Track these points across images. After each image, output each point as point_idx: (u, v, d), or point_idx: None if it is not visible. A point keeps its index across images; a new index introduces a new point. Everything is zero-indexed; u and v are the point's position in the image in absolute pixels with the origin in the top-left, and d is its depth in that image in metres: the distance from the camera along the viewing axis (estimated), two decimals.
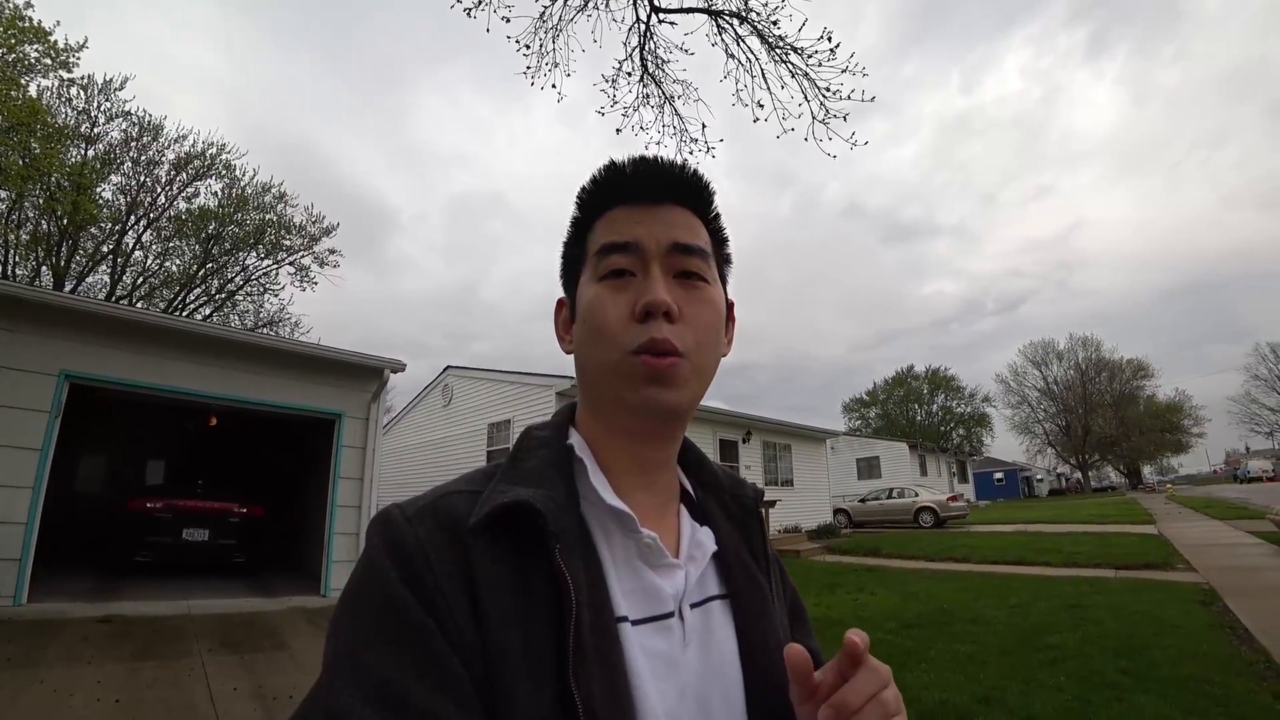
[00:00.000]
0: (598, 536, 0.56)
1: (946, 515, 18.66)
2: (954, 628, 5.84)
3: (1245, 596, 6.56)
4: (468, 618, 0.47)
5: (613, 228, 0.61)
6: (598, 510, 0.57)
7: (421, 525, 0.50)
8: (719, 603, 0.61)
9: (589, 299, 0.60)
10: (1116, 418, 53.91)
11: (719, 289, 0.64)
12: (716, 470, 0.72)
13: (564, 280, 0.68)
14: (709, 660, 0.57)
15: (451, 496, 0.54)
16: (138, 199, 18.74)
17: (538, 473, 0.56)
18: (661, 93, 6.46)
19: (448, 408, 15.68)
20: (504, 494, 0.52)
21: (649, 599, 0.55)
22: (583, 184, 0.65)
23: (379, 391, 8.41)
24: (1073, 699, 3.88)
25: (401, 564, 0.48)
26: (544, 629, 0.48)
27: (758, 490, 0.74)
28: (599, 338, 0.58)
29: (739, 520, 0.69)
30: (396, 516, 0.51)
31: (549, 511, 0.51)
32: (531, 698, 0.45)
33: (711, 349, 0.61)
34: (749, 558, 0.66)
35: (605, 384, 0.59)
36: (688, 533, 0.63)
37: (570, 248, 0.67)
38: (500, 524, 0.51)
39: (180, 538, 7.74)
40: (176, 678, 4.21)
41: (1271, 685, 4.05)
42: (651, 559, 0.57)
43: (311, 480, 9.07)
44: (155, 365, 6.80)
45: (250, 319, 21.44)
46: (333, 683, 0.44)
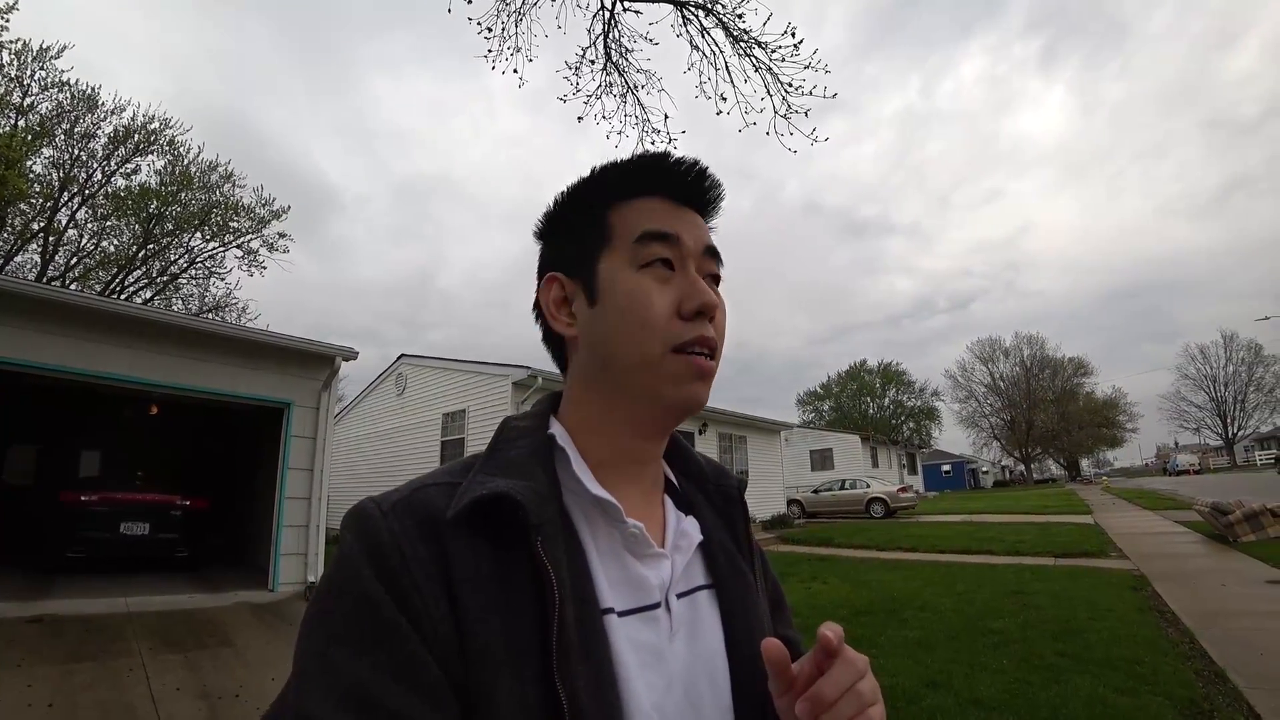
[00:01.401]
0: (581, 528, 0.55)
1: (897, 506, 19.22)
2: (903, 615, 6.02)
3: (1172, 582, 6.93)
4: (446, 615, 0.45)
5: (653, 217, 0.60)
6: (581, 501, 0.56)
7: (397, 520, 0.49)
8: (705, 593, 0.61)
9: (631, 287, 0.58)
10: (1058, 413, 56.23)
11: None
12: (700, 460, 0.72)
13: (560, 257, 0.64)
14: (696, 651, 0.56)
15: (428, 489, 0.52)
16: (71, 174, 17.76)
17: (518, 463, 0.55)
18: (625, 82, 6.43)
19: (401, 397, 15.37)
20: (483, 485, 0.50)
21: (635, 590, 0.55)
22: (609, 162, 0.62)
23: (330, 380, 8.18)
24: (1014, 680, 4.05)
25: (376, 561, 0.46)
26: (527, 624, 0.47)
27: (741, 479, 0.73)
28: (643, 329, 0.56)
29: (723, 510, 0.69)
30: (372, 511, 0.50)
31: (530, 503, 0.50)
32: (515, 695, 0.44)
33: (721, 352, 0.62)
34: (733, 547, 0.66)
35: (641, 376, 0.57)
36: (673, 522, 0.63)
37: (577, 224, 0.63)
38: (479, 517, 0.49)
39: (118, 532, 7.39)
40: (114, 678, 4.03)
41: (1194, 664, 4.30)
42: (637, 549, 0.56)
43: (259, 471, 8.78)
44: (89, 351, 6.44)
45: (195, 304, 20.61)
46: (303, 685, 0.43)
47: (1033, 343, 60.80)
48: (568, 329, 0.62)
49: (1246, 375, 60.18)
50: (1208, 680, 4.00)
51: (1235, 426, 61.54)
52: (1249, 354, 59.81)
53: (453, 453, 13.06)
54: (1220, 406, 62.04)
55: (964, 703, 3.72)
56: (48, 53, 16.52)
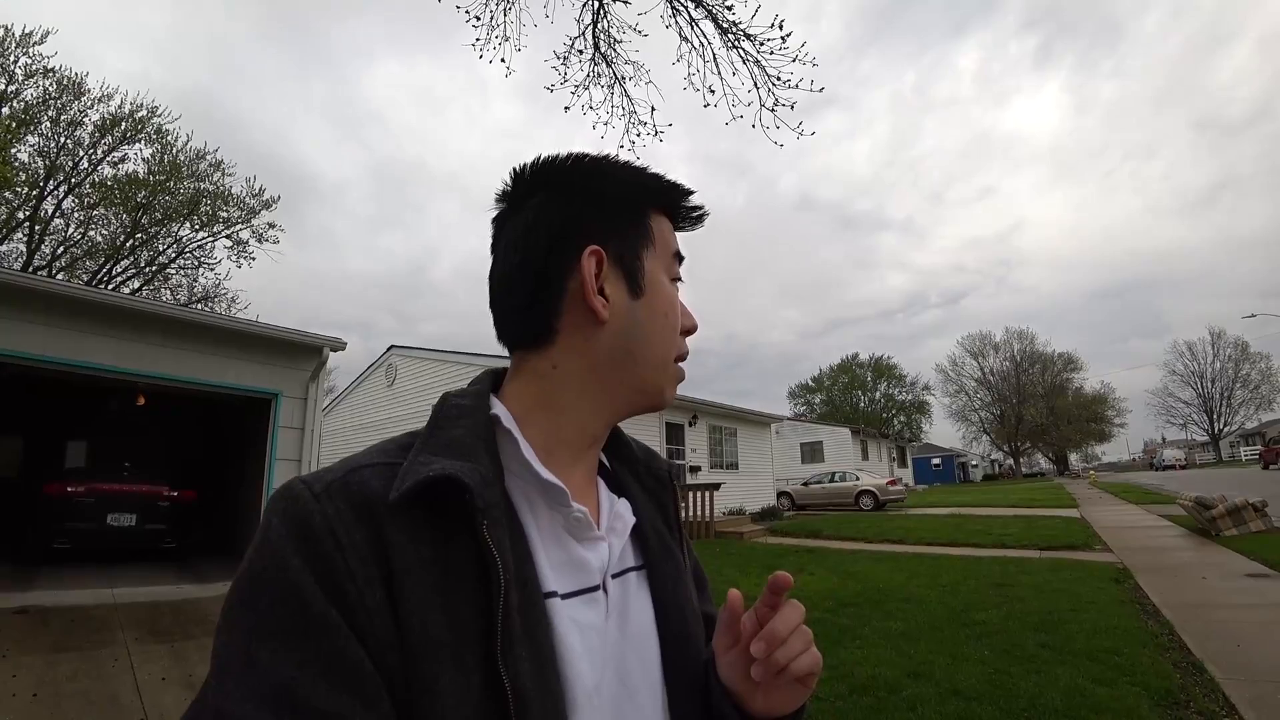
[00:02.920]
0: (523, 510, 0.54)
1: (886, 498, 19.34)
2: (888, 606, 6.07)
3: (1154, 574, 7.02)
4: (382, 605, 0.43)
5: (676, 239, 0.67)
6: (523, 484, 0.55)
7: (331, 502, 0.46)
8: (635, 574, 0.62)
9: (671, 296, 0.65)
10: (1047, 408, 56.69)
11: None
12: (631, 443, 0.72)
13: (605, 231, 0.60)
14: (626, 631, 0.57)
15: (365, 470, 0.49)
16: (58, 162, 17.54)
17: (461, 443, 0.52)
18: (613, 73, 6.40)
19: (391, 388, 15.34)
20: (427, 467, 0.48)
21: (576, 572, 0.55)
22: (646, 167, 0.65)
23: (318, 371, 8.14)
24: (995, 671, 4.10)
25: (307, 548, 0.43)
26: (470, 610, 0.46)
27: (671, 463, 0.75)
28: (672, 336, 0.64)
29: (653, 492, 0.69)
30: (302, 492, 0.46)
31: (476, 485, 0.48)
32: (457, 684, 0.43)
33: None
34: (664, 528, 0.67)
35: (657, 374, 0.63)
36: (607, 505, 0.63)
37: (616, 208, 0.61)
38: (422, 500, 0.47)
39: (104, 523, 7.36)
40: (99, 669, 4.02)
41: (1173, 656, 4.36)
42: (579, 532, 0.56)
43: (247, 462, 8.75)
44: (74, 340, 6.39)
45: (184, 294, 20.42)
46: (224, 684, 0.40)
47: (1023, 338, 61.36)
48: (603, 309, 0.58)
49: (1233, 372, 60.98)
50: (1185, 671, 4.06)
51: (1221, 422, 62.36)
52: (1236, 351, 60.58)
53: None
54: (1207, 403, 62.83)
55: (944, 693, 3.76)
56: (30, 38, 16.29)
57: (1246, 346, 60.11)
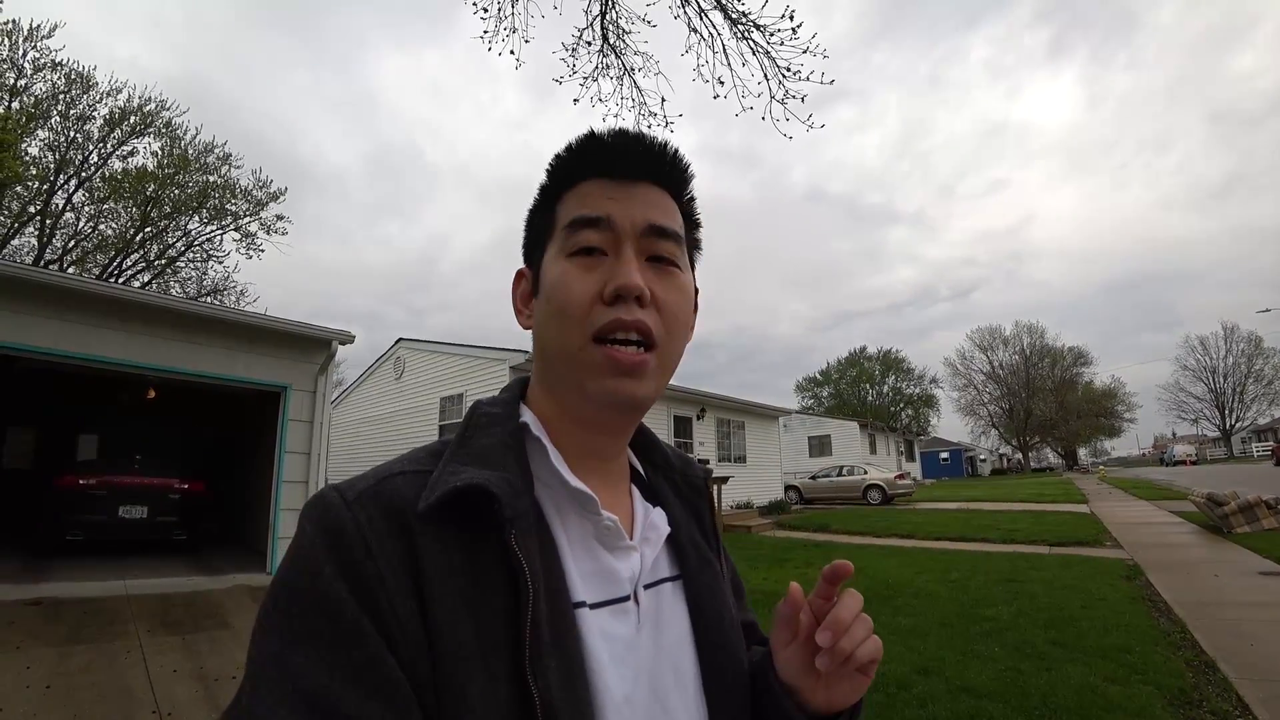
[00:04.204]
0: (553, 519, 0.54)
1: (894, 493, 19.28)
2: (897, 601, 6.05)
3: (1166, 571, 6.97)
4: (413, 613, 0.44)
5: (585, 201, 0.57)
6: (553, 492, 0.56)
7: (363, 510, 0.46)
8: (671, 584, 0.61)
9: (554, 275, 0.57)
10: (1056, 402, 56.32)
11: (689, 274, 0.62)
12: (667, 450, 0.71)
13: (526, 250, 0.64)
14: (660, 643, 0.56)
15: (396, 478, 0.50)
16: (67, 156, 17.62)
17: (490, 452, 0.53)
18: (622, 64, 6.34)
19: (399, 381, 15.38)
20: (456, 476, 0.49)
21: (606, 582, 0.54)
22: (557, 151, 0.61)
23: (327, 364, 8.17)
24: (1005, 668, 4.07)
25: (339, 555, 0.44)
26: (499, 620, 0.46)
27: (707, 469, 0.74)
28: (562, 318, 0.55)
29: (689, 500, 0.68)
30: (335, 500, 0.47)
31: (505, 495, 0.48)
32: (486, 693, 0.43)
33: (680, 338, 0.59)
34: (699, 537, 0.66)
35: (566, 369, 0.56)
36: (641, 514, 0.62)
37: (536, 216, 0.63)
38: (451, 509, 0.47)
39: (116, 515, 7.42)
40: (112, 661, 4.05)
41: (1185, 654, 4.32)
42: (609, 541, 0.56)
43: (257, 455, 8.80)
44: (85, 334, 6.43)
45: (193, 287, 20.54)
46: (257, 691, 0.41)
47: (1033, 332, 60.87)
48: (527, 322, 0.62)
49: (1246, 367, 60.24)
50: (1198, 670, 4.03)
51: (1233, 418, 61.69)
52: (1249, 346, 59.82)
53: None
54: (1219, 398, 62.15)
55: (955, 690, 3.74)
56: (38, 32, 16.35)
57: (1260, 341, 59.35)
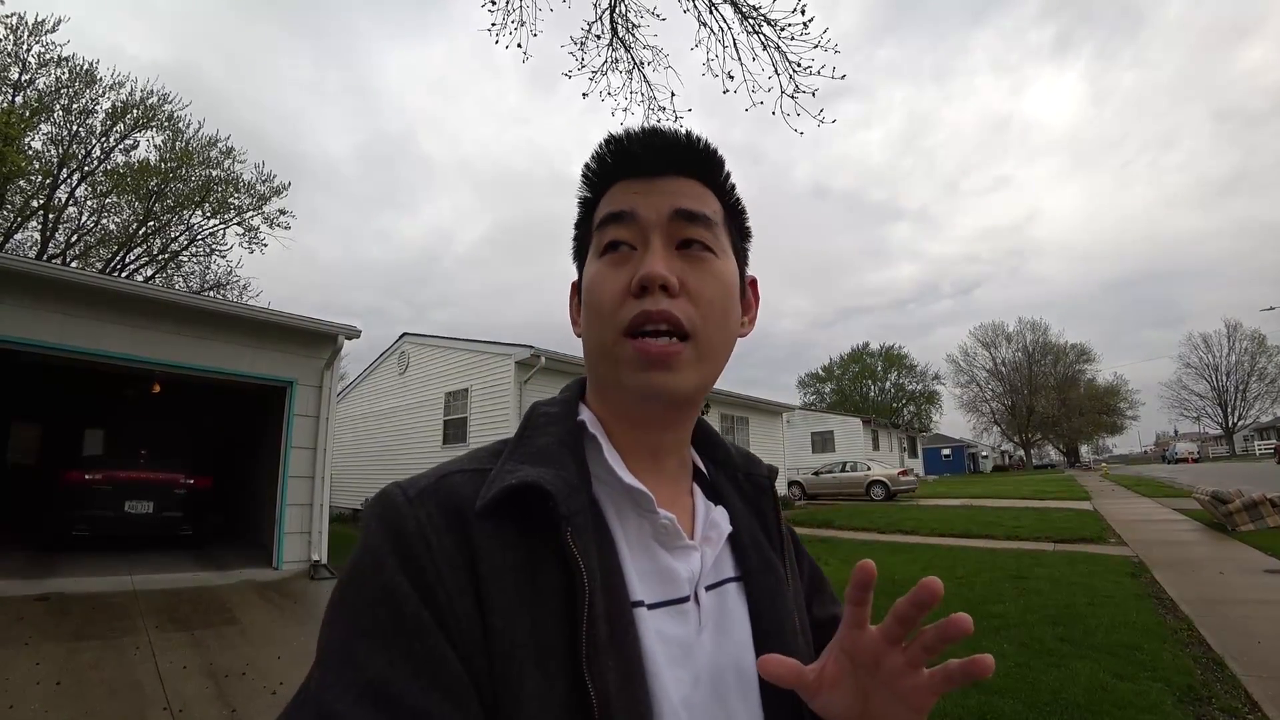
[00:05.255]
0: (611, 518, 0.54)
1: (897, 489, 19.28)
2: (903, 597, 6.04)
3: (1170, 569, 6.96)
4: (471, 609, 0.44)
5: (611, 200, 0.59)
6: (611, 490, 0.55)
7: (423, 508, 0.48)
8: (733, 585, 0.60)
9: (589, 277, 0.59)
10: (1059, 399, 56.27)
11: (730, 261, 0.60)
12: (729, 448, 0.71)
13: (576, 262, 0.66)
14: (723, 645, 0.55)
15: (455, 476, 0.51)
16: (70, 150, 17.60)
17: (548, 451, 0.54)
18: (631, 58, 6.31)
19: (403, 376, 15.35)
20: (512, 474, 0.50)
21: (664, 582, 0.54)
22: (587, 161, 0.61)
23: (333, 358, 8.16)
24: (1016, 665, 4.07)
25: (401, 550, 0.45)
26: (555, 617, 0.46)
27: (772, 468, 0.72)
28: (596, 317, 0.56)
29: (752, 499, 0.67)
30: (397, 498, 0.48)
31: (560, 493, 0.49)
32: (542, 690, 0.43)
33: (720, 326, 0.57)
34: (763, 538, 0.65)
35: (603, 367, 0.57)
36: (702, 513, 0.62)
37: (579, 228, 0.65)
38: (508, 506, 0.48)
39: (122, 510, 7.43)
40: (121, 657, 4.06)
41: (1193, 651, 4.32)
42: (667, 541, 0.55)
43: (262, 450, 8.81)
44: (90, 329, 6.42)
45: (196, 281, 20.53)
46: (325, 678, 0.42)
47: (1035, 328, 60.85)
48: (579, 330, 0.63)
49: (1249, 365, 60.17)
50: (1206, 667, 4.02)
51: (1236, 416, 61.64)
52: (1252, 344, 59.75)
53: (455, 432, 13.05)
54: (1221, 395, 62.12)
55: (965, 686, 3.74)
56: (43, 26, 16.31)
57: (1264, 339, 59.22)
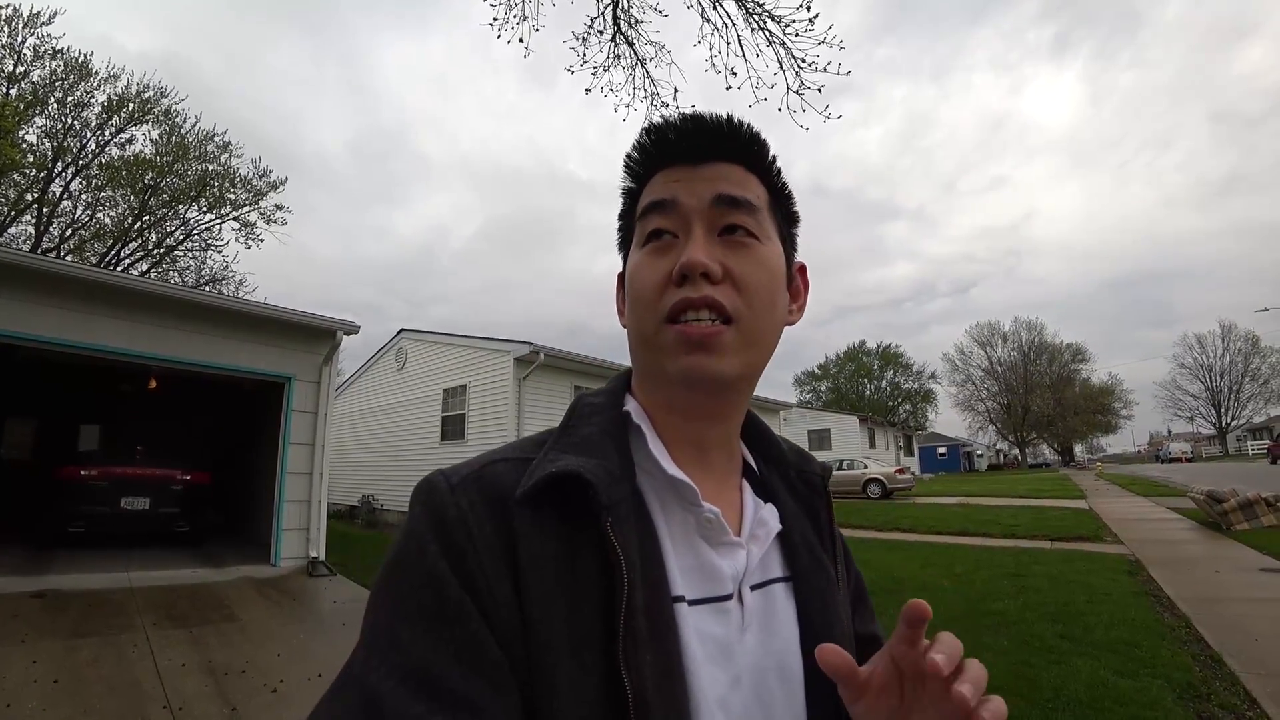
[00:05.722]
0: (654, 509, 0.53)
1: (893, 487, 19.30)
2: (904, 595, 5.97)
3: (1166, 567, 6.99)
4: (509, 596, 0.44)
5: (654, 189, 0.58)
6: (655, 482, 0.55)
7: (465, 495, 0.48)
8: (781, 585, 0.59)
9: (632, 267, 0.59)
10: (1054, 398, 56.48)
11: (775, 246, 0.59)
12: (781, 444, 0.69)
13: (621, 253, 0.66)
14: (768, 647, 0.54)
15: (498, 465, 0.51)
16: (65, 144, 17.47)
17: (591, 441, 0.53)
18: (634, 54, 6.29)
19: (401, 372, 15.29)
20: (554, 463, 0.49)
21: (707, 579, 0.53)
22: (629, 150, 0.61)
23: (331, 354, 8.12)
24: (1016, 662, 4.09)
25: (443, 537, 0.45)
26: (593, 607, 0.46)
27: (826, 467, 0.70)
28: (639, 306, 0.56)
29: (804, 498, 0.66)
30: (441, 484, 0.49)
31: (600, 482, 0.48)
32: (577, 680, 0.43)
33: (765, 312, 0.56)
34: (814, 538, 0.63)
35: (647, 356, 0.57)
36: (750, 510, 0.60)
37: (623, 219, 0.64)
38: (549, 495, 0.48)
39: (118, 507, 7.38)
40: (119, 654, 4.02)
41: (1191, 649, 4.34)
42: (711, 536, 0.54)
43: (260, 446, 8.76)
44: (86, 323, 6.36)
45: (192, 276, 20.41)
46: (369, 659, 0.42)
47: (1031, 328, 61.02)
48: (624, 321, 0.63)
49: (1243, 366, 60.41)
50: (1204, 664, 4.05)
51: (1229, 416, 61.93)
52: (1246, 345, 59.99)
53: (453, 429, 12.99)
54: (1215, 396, 62.38)
55: None
56: (38, 18, 16.18)
57: (1258, 340, 59.44)
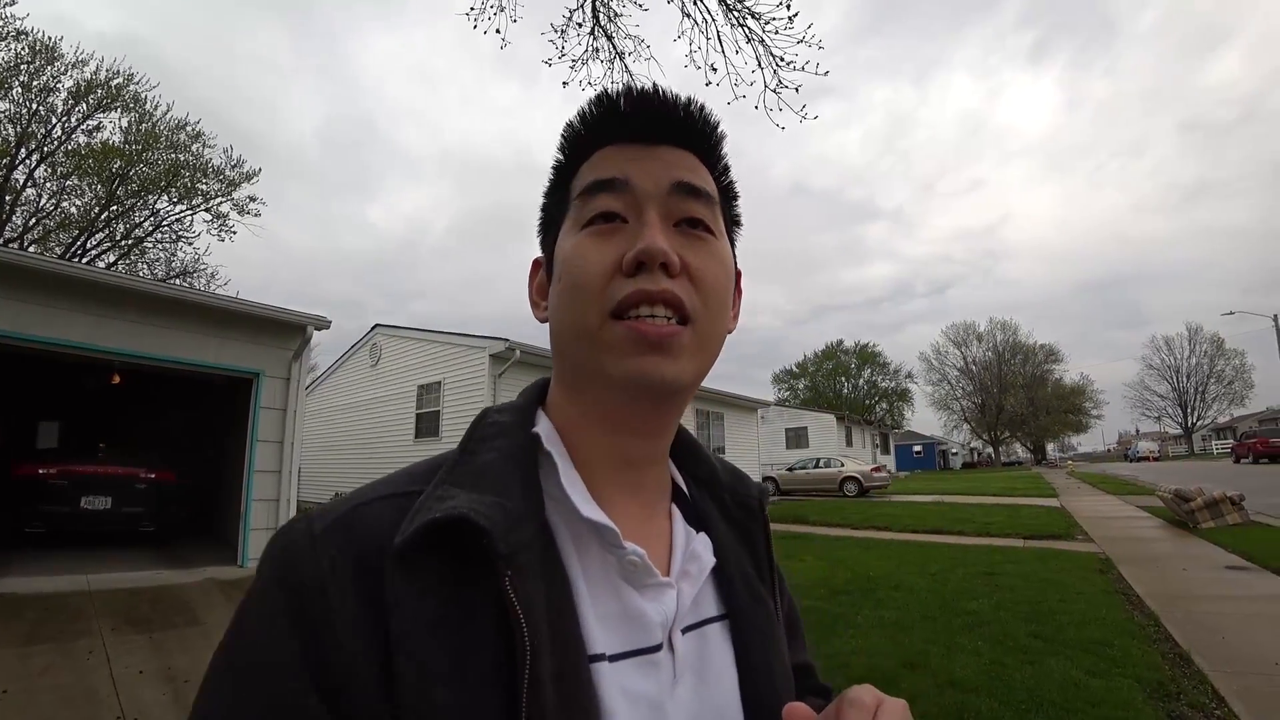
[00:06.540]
0: (567, 552, 0.45)
1: (870, 485, 19.47)
2: (879, 594, 6.08)
3: (1136, 565, 7.10)
4: (376, 682, 0.36)
5: (602, 166, 0.50)
6: (569, 517, 0.46)
7: (327, 548, 0.40)
8: (717, 625, 0.52)
9: (568, 250, 0.49)
10: (1027, 398, 57.50)
11: (727, 245, 0.53)
12: (715, 464, 0.61)
13: (542, 236, 0.57)
14: (705, 698, 0.48)
15: (376, 504, 0.43)
16: (30, 130, 16.93)
17: (490, 470, 0.45)
18: (612, 47, 6.21)
19: (376, 368, 15.08)
20: (440, 503, 0.41)
21: (632, 628, 0.45)
22: (568, 120, 0.52)
23: (301, 349, 7.93)
24: (990, 662, 4.09)
25: (293, 610, 0.38)
26: (488, 684, 0.38)
27: (763, 489, 0.63)
28: (577, 295, 0.47)
29: (740, 525, 0.59)
30: (299, 536, 0.41)
31: (496, 527, 0.40)
32: None
33: (719, 314, 0.50)
34: (751, 570, 0.56)
35: (584, 354, 0.47)
36: (681, 542, 0.53)
37: (550, 197, 0.55)
38: (433, 544, 0.39)
39: (78, 506, 7.13)
40: (75, 662, 3.86)
41: (1160, 647, 4.40)
42: (636, 579, 0.46)
43: (228, 443, 8.55)
44: (48, 317, 6.13)
45: (161, 269, 19.91)
46: None
47: (1006, 329, 62.05)
48: (543, 314, 0.54)
49: (1208, 367, 62.15)
50: (1174, 663, 4.09)
51: (1195, 416, 63.62)
52: (1211, 347, 61.74)
53: (428, 426, 12.84)
54: (1181, 396, 64.07)
55: (942, 684, 3.74)
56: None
57: (1222, 343, 61.27)
